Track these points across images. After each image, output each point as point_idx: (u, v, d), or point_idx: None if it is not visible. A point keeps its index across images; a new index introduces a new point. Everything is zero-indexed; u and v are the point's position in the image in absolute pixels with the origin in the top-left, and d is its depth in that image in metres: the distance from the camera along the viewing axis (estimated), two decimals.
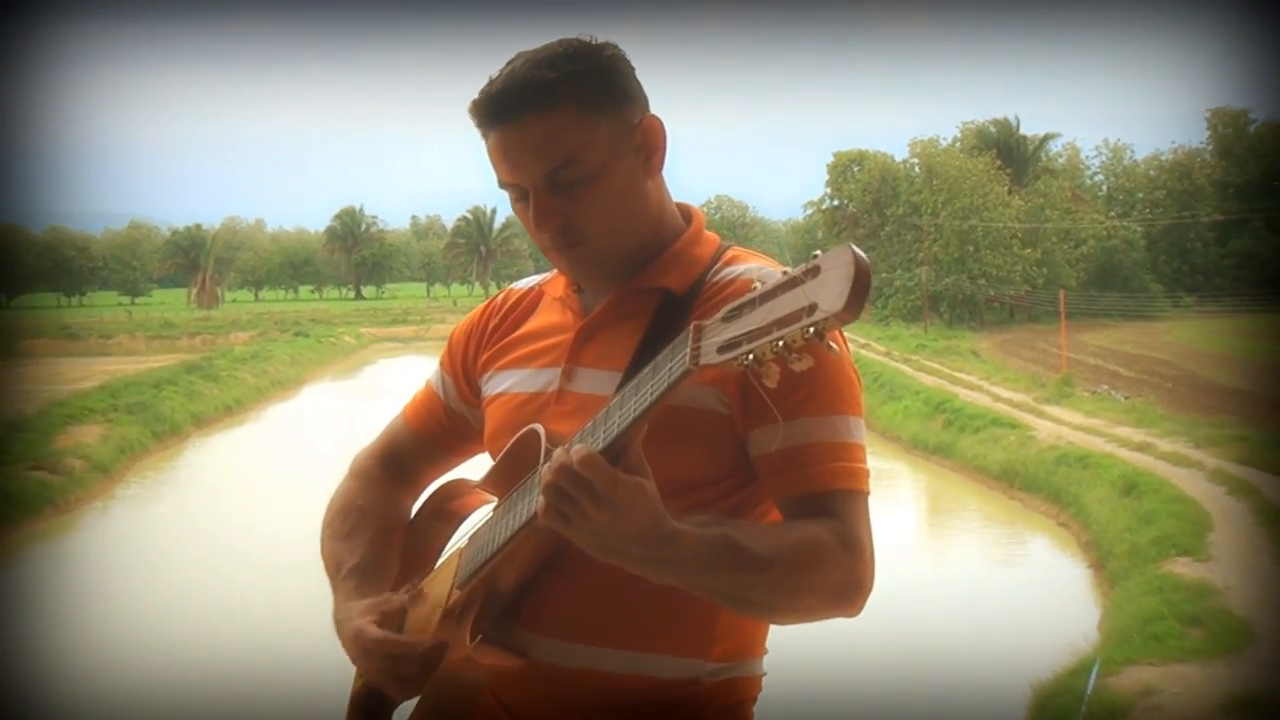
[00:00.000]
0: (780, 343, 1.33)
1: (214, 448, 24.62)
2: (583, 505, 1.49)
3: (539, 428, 1.67)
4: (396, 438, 2.06)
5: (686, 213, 1.85)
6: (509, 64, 1.73)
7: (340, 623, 1.82)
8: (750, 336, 1.35)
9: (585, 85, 1.70)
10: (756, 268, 1.75)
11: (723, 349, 1.38)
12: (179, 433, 24.82)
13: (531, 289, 1.97)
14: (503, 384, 1.88)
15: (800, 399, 1.65)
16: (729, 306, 1.39)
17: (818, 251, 1.34)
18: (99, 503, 18.57)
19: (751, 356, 1.35)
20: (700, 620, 1.71)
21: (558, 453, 1.52)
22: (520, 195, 1.75)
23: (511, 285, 2.02)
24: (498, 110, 1.71)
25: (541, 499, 1.52)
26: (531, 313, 1.93)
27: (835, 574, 1.63)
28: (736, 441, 1.71)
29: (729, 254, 1.81)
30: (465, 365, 1.98)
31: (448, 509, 1.96)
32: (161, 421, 24.23)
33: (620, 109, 1.73)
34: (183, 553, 14.96)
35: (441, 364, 2.03)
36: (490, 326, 1.96)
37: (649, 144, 1.76)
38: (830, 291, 1.30)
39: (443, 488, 1.98)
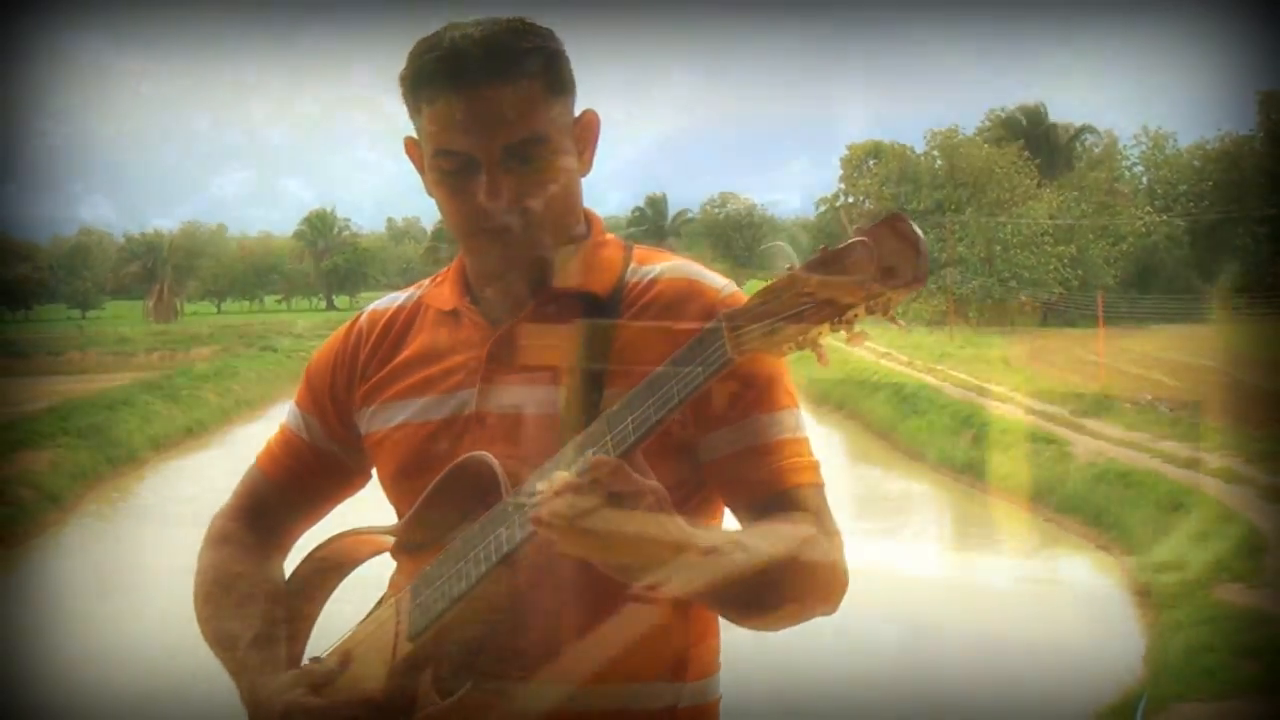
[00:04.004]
0: (838, 319, 1.40)
1: (174, 473, 24.55)
2: (609, 519, 1.48)
3: (489, 457, 1.69)
4: (256, 493, 2.04)
5: (585, 213, 1.90)
6: (455, 28, 1.73)
7: (261, 703, 1.77)
8: (795, 318, 1.42)
9: (552, 63, 1.75)
10: (681, 264, 1.83)
11: (766, 334, 1.44)
12: (136, 458, 24.73)
13: (404, 306, 1.94)
14: (398, 415, 1.86)
15: (751, 399, 1.73)
16: (763, 289, 1.44)
17: (854, 228, 1.40)
18: (50, 534, 18.54)
19: (803, 338, 1.42)
20: (670, 640, 1.76)
21: (557, 475, 1.49)
22: (461, 165, 1.74)
23: (371, 306, 1.98)
24: (464, 71, 1.71)
25: (549, 521, 1.49)
26: (410, 332, 1.91)
27: (826, 569, 1.71)
28: (687, 447, 1.75)
29: (638, 253, 1.86)
30: (335, 401, 1.95)
31: (330, 559, 1.94)
32: (116, 446, 24.16)
33: (569, 97, 1.79)
34: (142, 588, 14.93)
35: (299, 404, 2.00)
36: (362, 357, 1.93)
37: (585, 138, 1.81)
38: (890, 260, 1.37)
39: (324, 542, 1.95)
